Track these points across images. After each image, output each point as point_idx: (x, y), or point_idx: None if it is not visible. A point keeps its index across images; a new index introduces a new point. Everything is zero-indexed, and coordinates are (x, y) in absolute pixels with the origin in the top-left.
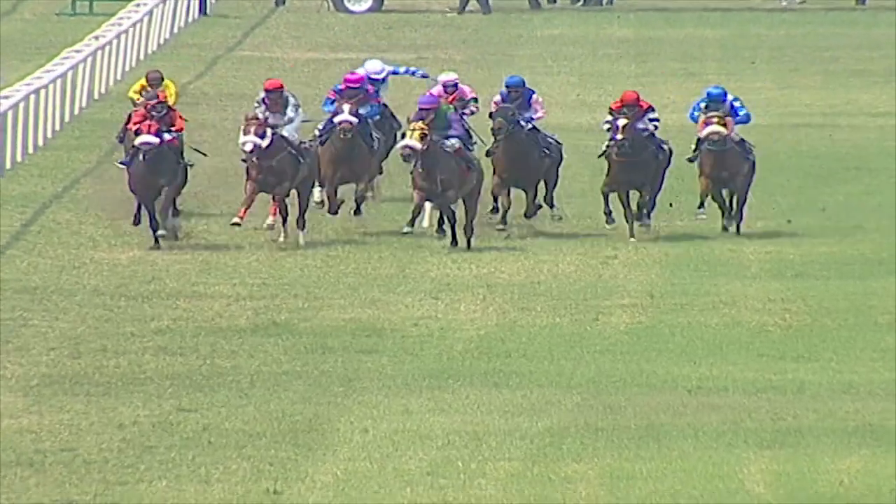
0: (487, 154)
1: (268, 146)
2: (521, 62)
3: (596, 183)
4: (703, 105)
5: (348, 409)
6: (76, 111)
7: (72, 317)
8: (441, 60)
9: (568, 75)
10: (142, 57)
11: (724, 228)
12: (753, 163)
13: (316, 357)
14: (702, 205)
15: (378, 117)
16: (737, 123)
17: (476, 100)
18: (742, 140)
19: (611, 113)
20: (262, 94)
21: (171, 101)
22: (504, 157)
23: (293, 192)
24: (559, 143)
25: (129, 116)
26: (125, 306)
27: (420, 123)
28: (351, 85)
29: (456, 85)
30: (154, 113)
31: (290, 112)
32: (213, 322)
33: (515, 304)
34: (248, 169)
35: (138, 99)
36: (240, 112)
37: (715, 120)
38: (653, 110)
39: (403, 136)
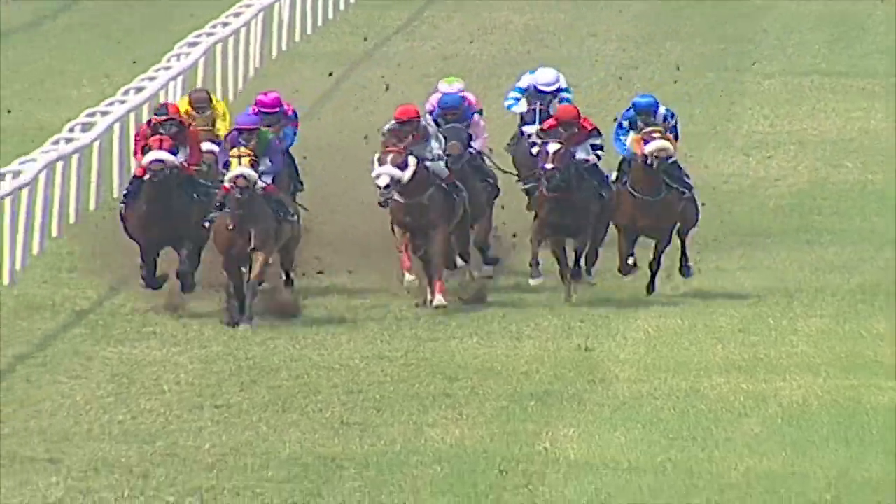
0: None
1: (411, 179)
2: None
3: None
4: (627, 121)
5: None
6: None
7: None
8: None
9: None
10: None
11: (629, 269)
12: (692, 203)
13: None
14: (626, 266)
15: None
16: None
17: (481, 112)
18: (678, 169)
19: (540, 135)
20: (391, 125)
21: (221, 124)
22: None
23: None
24: (494, 176)
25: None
26: None
27: (245, 149)
28: (265, 110)
29: (463, 96)
30: (162, 131)
31: (433, 143)
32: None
33: (827, 160)
34: (391, 209)
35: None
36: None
37: (657, 135)
38: (598, 134)
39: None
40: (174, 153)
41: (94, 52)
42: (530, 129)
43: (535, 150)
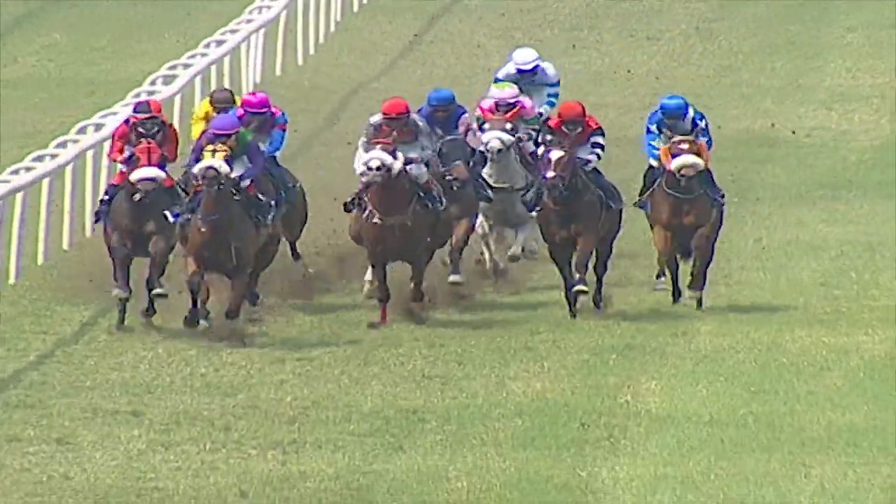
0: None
1: (391, 190)
2: None
3: None
4: (656, 125)
5: (742, 220)
6: None
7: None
8: None
9: None
10: None
11: (676, 298)
12: (721, 212)
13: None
14: (662, 273)
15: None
16: None
17: (536, 119)
18: (709, 177)
19: (545, 130)
20: (378, 119)
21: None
22: None
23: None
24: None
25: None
26: None
27: (221, 145)
28: (252, 110)
29: (515, 103)
30: (142, 130)
31: (424, 142)
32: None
33: None
34: (364, 229)
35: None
36: None
37: (685, 147)
38: (601, 132)
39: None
40: (163, 167)
41: (176, 6)
42: None
43: (539, 150)
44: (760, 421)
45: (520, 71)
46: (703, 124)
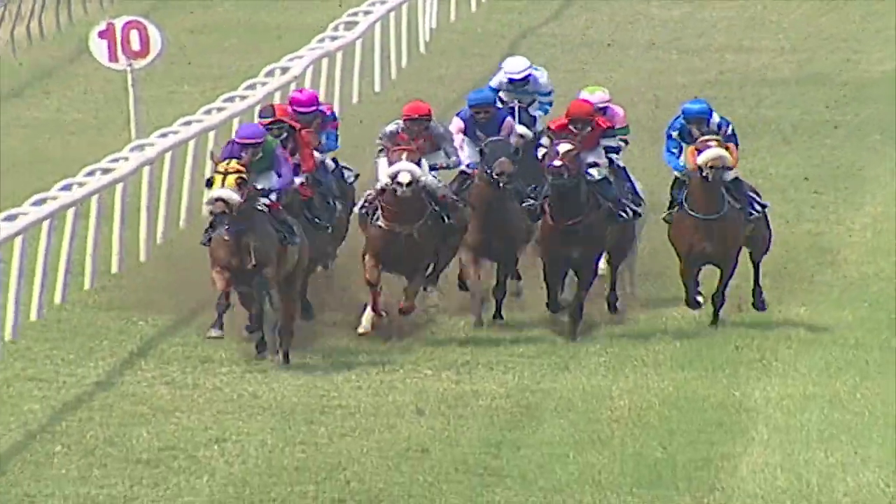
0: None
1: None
2: None
3: None
4: (678, 132)
5: (886, 156)
6: None
7: (626, 69)
8: None
9: None
10: None
11: (697, 303)
12: (768, 224)
13: (855, 107)
14: (694, 300)
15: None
16: None
17: (627, 129)
18: (743, 185)
19: (549, 134)
20: (395, 126)
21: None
22: (479, 216)
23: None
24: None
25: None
26: (676, 60)
27: (235, 163)
28: (300, 109)
29: (606, 108)
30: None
31: (447, 149)
32: (758, 73)
33: None
34: (369, 236)
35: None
36: None
37: (713, 143)
38: (612, 133)
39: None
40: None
41: None
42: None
43: (541, 151)
44: None
45: (511, 80)
46: (729, 129)
